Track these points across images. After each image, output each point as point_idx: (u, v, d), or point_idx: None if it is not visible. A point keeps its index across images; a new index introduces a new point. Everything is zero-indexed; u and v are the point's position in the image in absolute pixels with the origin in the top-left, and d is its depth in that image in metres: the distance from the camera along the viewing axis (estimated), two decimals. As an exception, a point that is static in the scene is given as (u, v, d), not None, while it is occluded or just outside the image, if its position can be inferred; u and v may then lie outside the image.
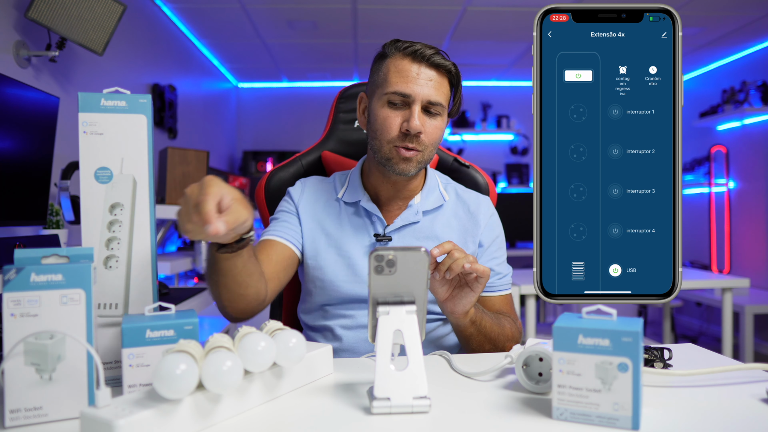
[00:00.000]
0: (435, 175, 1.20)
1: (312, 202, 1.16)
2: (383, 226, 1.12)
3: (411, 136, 1.03)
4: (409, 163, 1.05)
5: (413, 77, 1.03)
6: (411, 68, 1.03)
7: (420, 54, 1.03)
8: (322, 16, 3.68)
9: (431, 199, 1.15)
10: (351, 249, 1.11)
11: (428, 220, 1.13)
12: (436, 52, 1.04)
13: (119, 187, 0.77)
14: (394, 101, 1.04)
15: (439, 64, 1.04)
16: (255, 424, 0.62)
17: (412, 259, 0.67)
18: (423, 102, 1.03)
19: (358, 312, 1.10)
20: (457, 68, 1.07)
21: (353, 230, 1.12)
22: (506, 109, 5.54)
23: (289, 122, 5.57)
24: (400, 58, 1.04)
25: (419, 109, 1.02)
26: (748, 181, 4.44)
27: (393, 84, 1.03)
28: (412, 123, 1.01)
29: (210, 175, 0.73)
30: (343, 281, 1.09)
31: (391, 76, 1.04)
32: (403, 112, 1.04)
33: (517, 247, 4.66)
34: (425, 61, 1.03)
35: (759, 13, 3.61)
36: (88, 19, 2.14)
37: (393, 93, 1.03)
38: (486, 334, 0.99)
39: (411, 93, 1.02)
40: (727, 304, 2.85)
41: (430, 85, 1.03)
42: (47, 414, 0.63)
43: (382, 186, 1.13)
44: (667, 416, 0.63)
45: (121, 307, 0.77)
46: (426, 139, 1.04)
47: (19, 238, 1.59)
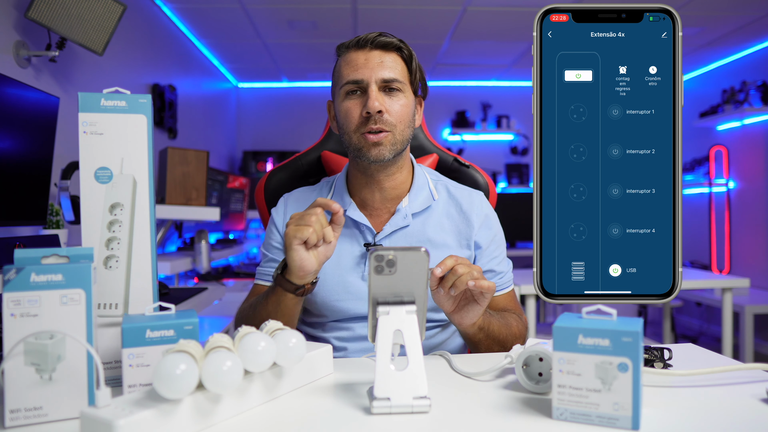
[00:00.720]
0: (424, 173, 1.16)
1: None
2: (372, 234, 1.09)
3: (372, 117, 1.02)
4: (380, 147, 1.03)
5: (362, 63, 1.04)
6: (358, 56, 1.05)
7: (363, 40, 1.05)
8: (322, 16, 3.68)
9: (420, 200, 1.11)
10: (341, 263, 1.09)
11: (419, 223, 1.11)
12: (379, 34, 1.06)
13: (119, 187, 0.77)
14: (351, 90, 1.05)
15: (385, 43, 1.05)
16: (255, 424, 0.62)
17: (412, 259, 0.67)
18: (378, 82, 1.03)
19: (355, 325, 1.09)
20: (405, 43, 1.08)
21: (342, 243, 1.09)
22: (506, 109, 5.54)
23: (289, 122, 5.57)
24: (347, 52, 1.07)
25: (376, 90, 1.03)
26: (748, 181, 4.44)
27: (345, 76, 1.05)
28: (370, 104, 1.01)
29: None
30: (336, 300, 1.08)
31: (343, 70, 1.06)
32: (362, 99, 1.04)
33: (517, 247, 4.66)
34: (369, 44, 1.05)
35: (759, 13, 3.61)
36: (88, 19, 2.14)
37: (346, 83, 1.05)
38: (494, 337, 0.98)
39: (362, 77, 1.03)
40: (727, 304, 2.85)
41: (381, 65, 1.04)
42: (47, 414, 0.63)
43: (367, 190, 1.10)
44: (667, 416, 0.63)
45: (121, 307, 0.77)
46: (392, 118, 1.04)
47: (19, 238, 1.59)
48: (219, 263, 3.68)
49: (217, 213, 2.53)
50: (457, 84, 5.53)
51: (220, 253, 3.29)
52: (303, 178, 1.33)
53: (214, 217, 2.51)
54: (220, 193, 3.39)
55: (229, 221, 3.66)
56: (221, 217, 3.00)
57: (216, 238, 3.80)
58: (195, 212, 2.45)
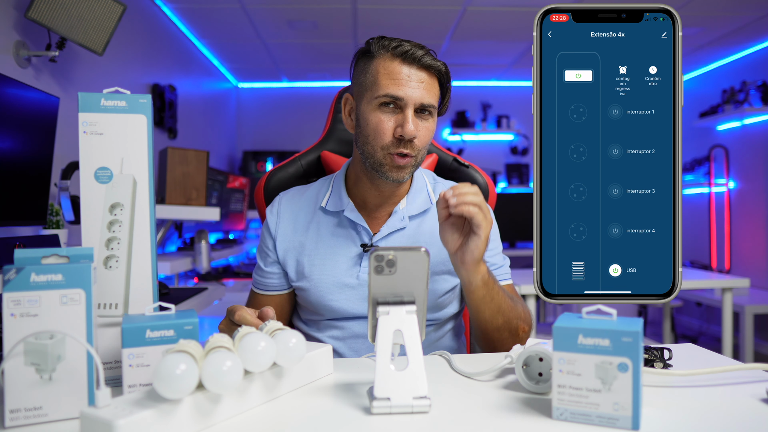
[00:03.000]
0: (423, 176, 1.16)
1: (291, 223, 1.13)
2: (369, 236, 1.09)
3: (405, 141, 1.00)
4: (402, 170, 1.03)
5: (405, 79, 0.99)
6: (402, 70, 1.00)
7: (411, 55, 1.00)
8: (322, 16, 3.68)
9: (417, 203, 1.12)
10: (338, 263, 1.08)
11: (415, 225, 1.11)
12: (426, 52, 1.01)
13: (119, 187, 0.77)
14: (386, 103, 1.00)
15: (429, 65, 1.01)
16: (255, 424, 0.62)
17: (412, 258, 0.67)
18: (416, 105, 1.00)
19: (349, 323, 1.09)
20: (446, 67, 1.05)
21: (338, 243, 1.09)
22: (506, 109, 5.54)
23: (289, 122, 5.57)
24: (389, 59, 1.01)
25: (412, 113, 1.00)
26: (748, 181, 4.44)
27: (384, 87, 1.00)
28: (407, 128, 0.98)
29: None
30: (330, 300, 1.08)
31: (381, 78, 1.00)
32: (396, 116, 1.01)
33: (517, 247, 4.66)
34: (416, 62, 1.00)
35: (759, 13, 3.61)
36: (88, 19, 2.14)
37: (385, 96, 1.00)
38: (498, 303, 0.96)
39: (404, 96, 0.99)
40: (727, 304, 2.85)
41: (422, 87, 1.00)
42: (47, 414, 0.63)
43: (369, 193, 1.10)
44: (667, 416, 0.63)
45: (121, 307, 0.77)
46: (419, 143, 1.02)
47: (19, 238, 1.59)
48: (219, 263, 3.68)
49: (217, 213, 2.53)
50: (457, 84, 5.52)
51: (220, 253, 3.29)
52: (303, 178, 1.33)
53: (214, 217, 2.51)
54: (220, 193, 3.39)
55: (229, 221, 3.66)
56: (221, 217, 3.00)
57: (216, 238, 3.80)
58: (195, 212, 2.45)
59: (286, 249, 1.12)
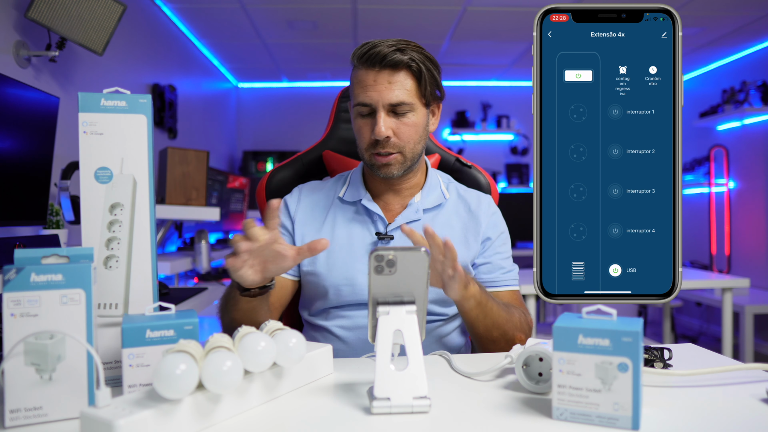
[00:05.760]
0: (436, 175, 1.21)
1: (310, 208, 1.16)
2: (384, 224, 1.12)
3: (380, 141, 1.05)
4: (389, 167, 1.08)
5: (371, 85, 1.04)
6: (368, 76, 1.04)
7: (373, 58, 1.02)
8: (322, 16, 3.68)
9: (432, 198, 1.15)
10: (353, 250, 1.11)
11: (429, 218, 1.14)
12: (393, 50, 1.02)
13: (119, 187, 0.77)
14: (362, 112, 1.06)
15: (395, 62, 1.02)
16: (255, 424, 0.62)
17: (412, 259, 0.67)
18: (385, 107, 1.04)
19: (355, 313, 1.10)
20: (417, 55, 1.04)
21: (354, 229, 1.12)
22: (506, 109, 5.54)
23: (289, 122, 5.57)
24: (358, 67, 1.06)
25: (384, 115, 1.04)
26: (748, 181, 4.44)
27: (356, 96, 1.06)
28: (377, 130, 1.03)
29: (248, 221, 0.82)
30: (343, 284, 1.09)
31: (354, 87, 1.07)
32: (372, 120, 1.06)
33: (517, 247, 4.65)
34: (379, 63, 1.03)
35: (759, 13, 3.60)
36: (88, 19, 2.14)
37: (357, 105, 1.06)
38: (493, 318, 0.97)
39: (370, 101, 1.04)
40: (727, 304, 2.85)
41: (390, 88, 1.03)
42: (47, 414, 0.63)
43: (381, 186, 1.15)
44: (667, 416, 0.63)
45: (121, 307, 0.77)
46: (399, 140, 1.06)
47: (19, 238, 1.59)
48: (219, 263, 3.68)
49: (217, 213, 2.53)
50: (457, 84, 5.52)
51: (220, 253, 3.29)
52: (304, 178, 1.33)
53: (214, 217, 2.52)
54: (220, 193, 3.39)
55: (229, 221, 3.66)
56: (221, 217, 3.00)
57: (216, 238, 3.80)
58: (195, 212, 2.45)
59: (303, 233, 1.14)
